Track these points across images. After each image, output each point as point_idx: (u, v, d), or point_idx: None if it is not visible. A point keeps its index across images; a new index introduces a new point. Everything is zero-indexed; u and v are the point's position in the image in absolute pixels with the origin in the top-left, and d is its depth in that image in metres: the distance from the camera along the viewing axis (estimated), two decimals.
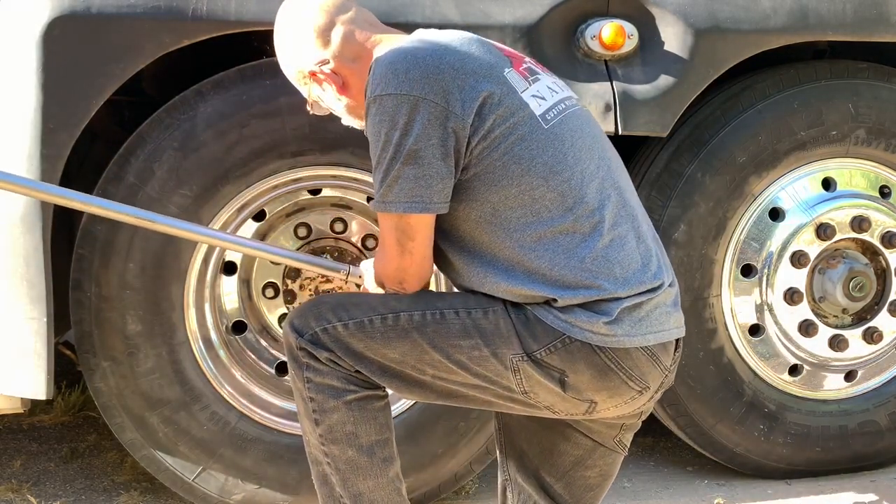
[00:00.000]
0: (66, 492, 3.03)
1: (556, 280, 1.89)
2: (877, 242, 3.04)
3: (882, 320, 3.08)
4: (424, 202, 1.89)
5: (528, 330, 1.91)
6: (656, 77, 2.72)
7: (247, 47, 2.68)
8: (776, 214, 2.97)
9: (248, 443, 2.72)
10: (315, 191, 2.81)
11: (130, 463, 3.09)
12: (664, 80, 2.72)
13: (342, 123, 2.18)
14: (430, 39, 1.97)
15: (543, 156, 1.91)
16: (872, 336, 3.07)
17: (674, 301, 2.01)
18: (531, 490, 2.18)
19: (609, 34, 2.67)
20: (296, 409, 2.70)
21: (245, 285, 2.87)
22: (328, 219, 2.86)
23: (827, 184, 3.01)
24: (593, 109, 2.64)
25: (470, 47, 1.96)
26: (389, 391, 2.03)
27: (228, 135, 2.57)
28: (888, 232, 3.04)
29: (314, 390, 1.97)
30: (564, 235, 1.90)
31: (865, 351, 3.09)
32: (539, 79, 2.00)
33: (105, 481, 3.11)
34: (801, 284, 2.99)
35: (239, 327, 2.87)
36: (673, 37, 2.74)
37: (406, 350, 1.94)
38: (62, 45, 2.43)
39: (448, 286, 2.64)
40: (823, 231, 2.98)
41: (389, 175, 1.89)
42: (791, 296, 2.98)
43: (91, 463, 3.26)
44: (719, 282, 2.94)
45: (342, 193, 2.83)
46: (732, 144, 2.88)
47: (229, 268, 2.82)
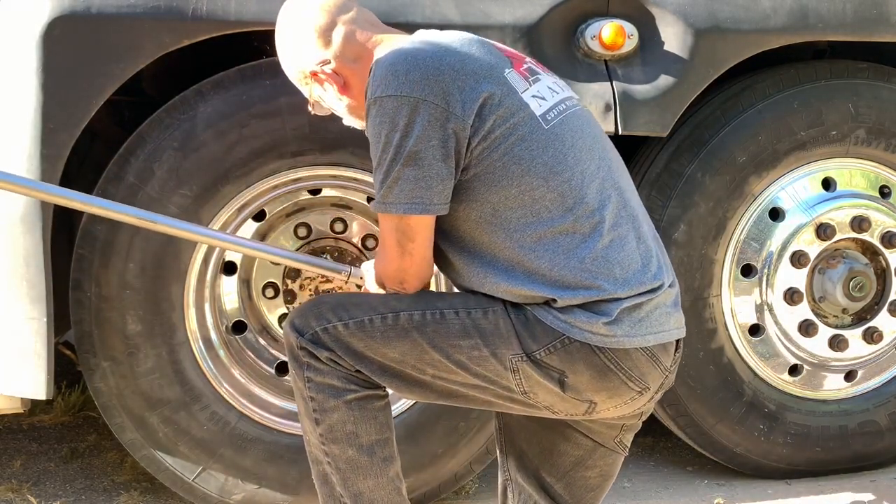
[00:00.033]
0: (66, 492, 3.03)
1: (556, 280, 1.89)
2: (877, 242, 3.04)
3: (882, 320, 3.08)
4: (425, 203, 1.89)
5: (528, 330, 1.91)
6: (656, 77, 2.72)
7: (247, 47, 2.68)
8: (776, 214, 2.97)
9: (248, 443, 2.72)
10: (315, 191, 2.81)
11: (130, 463, 3.09)
12: (664, 80, 2.72)
13: (343, 124, 2.18)
14: (431, 40, 1.97)
15: (543, 156, 1.91)
16: (872, 336, 3.07)
17: (674, 301, 2.01)
18: (531, 490, 2.18)
19: (609, 34, 2.67)
20: (296, 409, 2.72)
21: (245, 285, 2.87)
22: (328, 219, 2.86)
23: (827, 184, 3.01)
24: (593, 109, 2.64)
25: (470, 48, 1.96)
26: (389, 391, 2.03)
27: (228, 135, 2.57)
28: (888, 232, 3.04)
29: (314, 390, 1.98)
30: (564, 236, 1.89)
31: (865, 351, 3.09)
32: (540, 79, 2.00)
33: (105, 481, 3.11)
34: (801, 284, 2.99)
35: (239, 327, 2.87)
36: (673, 37, 2.74)
37: (406, 350, 1.94)
38: (62, 45, 2.43)
39: (448, 286, 2.64)
40: (823, 231, 2.98)
41: (390, 176, 1.89)
42: (791, 296, 2.98)
43: (91, 463, 3.26)
44: (719, 282, 2.94)
45: (342, 193, 2.83)
46: (732, 144, 2.88)
47: (229, 268, 2.82)
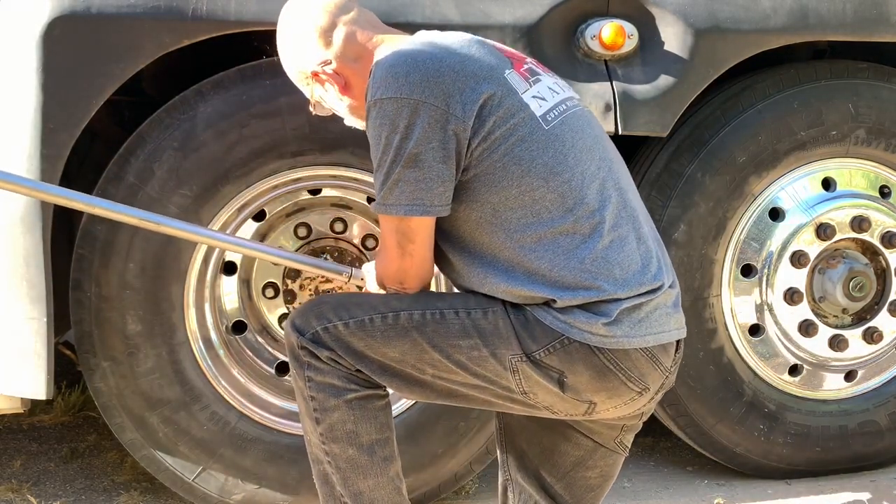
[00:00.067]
0: (66, 492, 3.03)
1: (556, 281, 1.89)
2: (877, 242, 3.04)
3: (882, 320, 3.08)
4: (425, 205, 1.89)
5: (528, 330, 1.91)
6: (656, 77, 2.72)
7: (247, 47, 2.68)
8: (776, 214, 2.97)
9: (248, 443, 2.72)
10: (315, 191, 2.81)
11: (130, 463, 3.09)
12: (664, 80, 2.72)
13: (343, 124, 2.18)
14: (431, 41, 1.97)
15: (544, 157, 1.91)
16: (872, 336, 3.07)
17: (674, 302, 2.00)
18: (532, 490, 2.18)
19: (609, 34, 2.67)
20: (295, 409, 2.72)
21: (245, 285, 2.87)
22: (328, 219, 2.86)
23: (827, 184, 3.01)
24: (593, 109, 2.64)
25: (470, 49, 1.96)
26: (390, 391, 2.03)
27: (228, 135, 2.57)
28: (888, 232, 3.04)
29: (315, 389, 1.98)
30: (564, 236, 1.89)
31: (865, 351, 3.09)
32: (540, 79, 2.00)
33: (105, 481, 3.11)
34: (801, 284, 2.99)
35: (239, 327, 2.87)
36: (673, 37, 2.74)
37: (406, 349, 1.94)
38: (62, 45, 2.42)
39: (448, 286, 2.64)
40: (823, 231, 2.98)
41: (390, 178, 1.89)
42: (791, 296, 2.98)
43: (91, 463, 3.26)
44: (719, 282, 2.94)
45: (342, 193, 2.83)
46: (732, 144, 2.87)
47: (229, 268, 2.82)
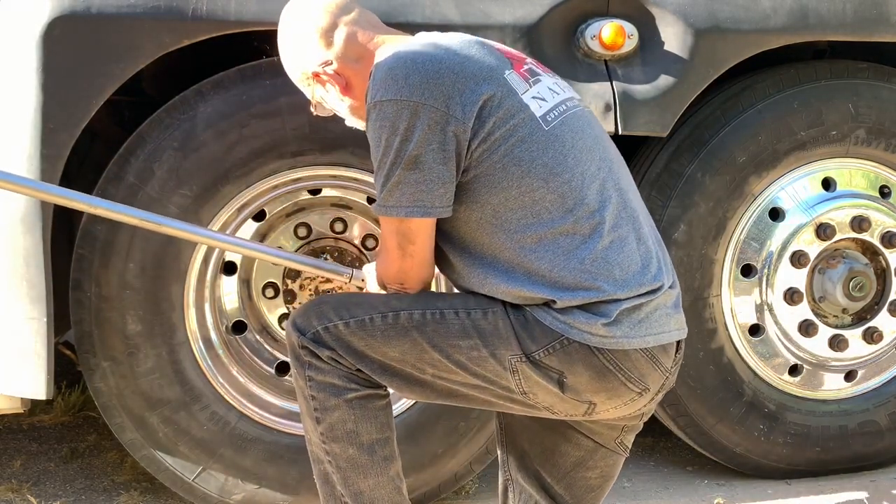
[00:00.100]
0: (66, 492, 3.02)
1: (556, 282, 1.89)
2: (877, 242, 3.04)
3: (882, 320, 3.08)
4: (426, 207, 1.89)
5: (527, 331, 1.91)
6: (656, 77, 2.72)
7: (247, 47, 2.68)
8: (776, 214, 2.97)
9: (248, 443, 2.72)
10: (315, 191, 2.81)
11: (130, 463, 3.09)
12: (664, 80, 2.72)
13: (344, 124, 2.18)
14: (431, 43, 1.97)
15: (543, 157, 1.91)
16: (872, 336, 3.07)
17: (675, 303, 2.00)
18: (532, 490, 2.18)
19: (609, 34, 2.67)
20: (295, 409, 2.73)
21: (245, 285, 2.87)
22: (328, 219, 2.86)
23: (827, 184, 3.01)
24: (593, 109, 2.63)
25: (470, 50, 1.96)
26: (390, 391, 2.03)
27: (228, 135, 2.57)
28: (888, 232, 3.04)
29: (316, 388, 1.98)
30: (564, 237, 1.89)
31: (865, 351, 3.09)
32: (540, 80, 2.00)
33: (105, 481, 3.10)
34: (801, 284, 2.99)
35: (239, 327, 2.87)
36: (673, 37, 2.74)
37: (406, 349, 1.94)
38: (62, 45, 2.42)
39: (448, 286, 2.64)
40: (823, 231, 2.98)
41: (390, 180, 1.89)
42: (791, 296, 2.98)
43: (91, 463, 3.26)
44: (719, 282, 2.93)
45: (342, 193, 2.83)
46: (732, 144, 2.87)
47: (229, 268, 2.82)
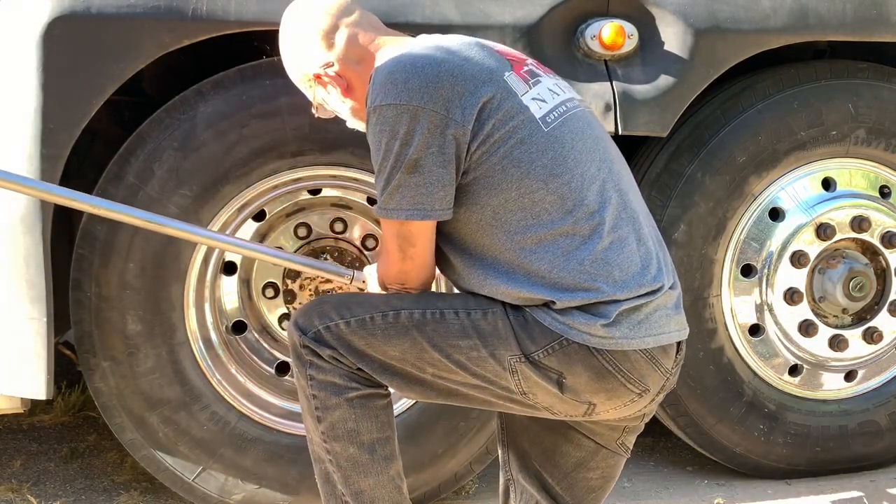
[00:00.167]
0: (66, 492, 3.02)
1: (555, 282, 1.89)
2: (877, 242, 3.04)
3: (882, 320, 3.08)
4: (426, 210, 1.89)
5: (527, 331, 1.91)
6: (656, 77, 2.72)
7: (247, 47, 2.68)
8: (776, 214, 2.97)
9: (248, 443, 2.72)
10: (315, 191, 2.81)
11: (130, 463, 3.09)
12: (664, 80, 2.72)
13: (345, 125, 2.18)
14: (430, 45, 1.97)
15: (543, 159, 1.91)
16: (872, 336, 3.07)
17: (675, 304, 2.00)
18: (533, 490, 2.18)
19: (609, 34, 2.67)
20: (295, 409, 2.73)
21: (245, 285, 2.87)
22: (328, 219, 2.86)
23: (827, 184, 3.01)
24: (593, 109, 2.63)
25: (470, 51, 1.96)
26: (391, 390, 2.03)
27: (228, 135, 2.57)
28: (888, 232, 3.04)
29: (317, 388, 1.98)
30: (564, 238, 1.89)
31: (865, 351, 3.09)
32: (540, 81, 2.00)
33: (105, 481, 3.10)
34: (801, 284, 2.99)
35: (239, 327, 2.87)
36: (673, 37, 2.74)
37: (406, 348, 1.95)
38: (62, 45, 2.42)
39: (449, 287, 2.64)
40: (823, 231, 2.98)
41: (391, 183, 1.89)
42: (791, 296, 2.98)
43: (91, 463, 3.26)
44: (719, 282, 2.93)
45: (342, 193, 2.83)
46: (732, 144, 2.87)
47: (229, 268, 2.82)
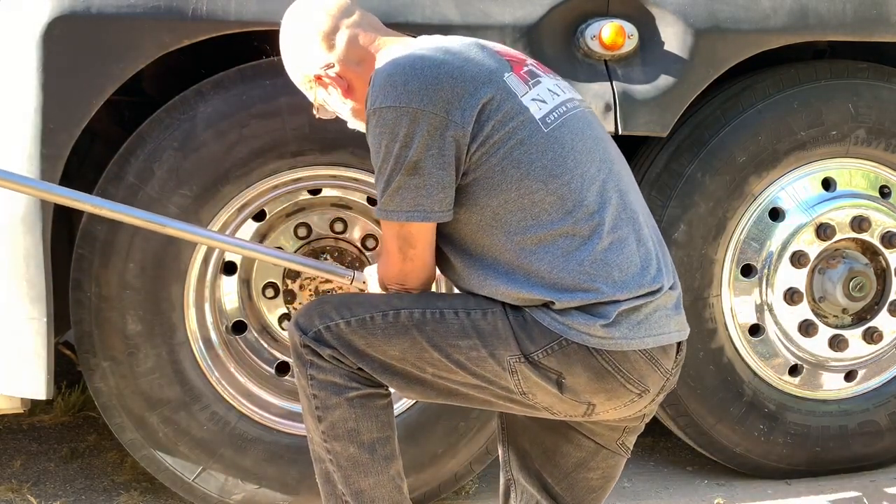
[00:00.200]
0: (66, 492, 3.02)
1: (555, 283, 1.89)
2: (877, 242, 3.04)
3: (882, 320, 3.08)
4: (426, 211, 1.89)
5: (526, 332, 1.91)
6: (656, 77, 2.72)
7: (247, 47, 2.68)
8: (776, 214, 2.97)
9: (248, 443, 2.72)
10: (315, 191, 2.81)
11: (130, 463, 3.09)
12: (664, 80, 2.72)
13: (345, 125, 2.18)
14: (430, 46, 1.97)
15: (542, 159, 1.91)
16: (872, 336, 3.07)
17: (675, 304, 2.00)
18: (534, 490, 2.18)
19: (609, 34, 2.67)
20: (295, 409, 2.73)
21: (245, 285, 2.87)
22: (328, 219, 2.86)
23: (827, 184, 3.01)
24: (593, 109, 2.63)
25: (469, 52, 1.96)
26: (392, 390, 2.03)
27: (228, 135, 2.57)
28: (888, 232, 3.04)
29: (317, 387, 1.98)
30: (564, 238, 1.89)
31: (865, 351, 3.09)
32: (540, 81, 2.00)
33: (105, 481, 3.10)
34: (801, 284, 2.99)
35: (239, 327, 2.87)
36: (673, 37, 2.74)
37: (406, 347, 1.95)
38: (62, 45, 2.42)
39: (449, 287, 2.64)
40: (823, 231, 2.98)
41: (391, 185, 1.90)
42: (791, 296, 2.98)
43: (91, 463, 3.26)
44: (719, 282, 2.94)
45: (342, 193, 2.83)
46: (732, 144, 2.87)
47: (229, 268, 2.82)
